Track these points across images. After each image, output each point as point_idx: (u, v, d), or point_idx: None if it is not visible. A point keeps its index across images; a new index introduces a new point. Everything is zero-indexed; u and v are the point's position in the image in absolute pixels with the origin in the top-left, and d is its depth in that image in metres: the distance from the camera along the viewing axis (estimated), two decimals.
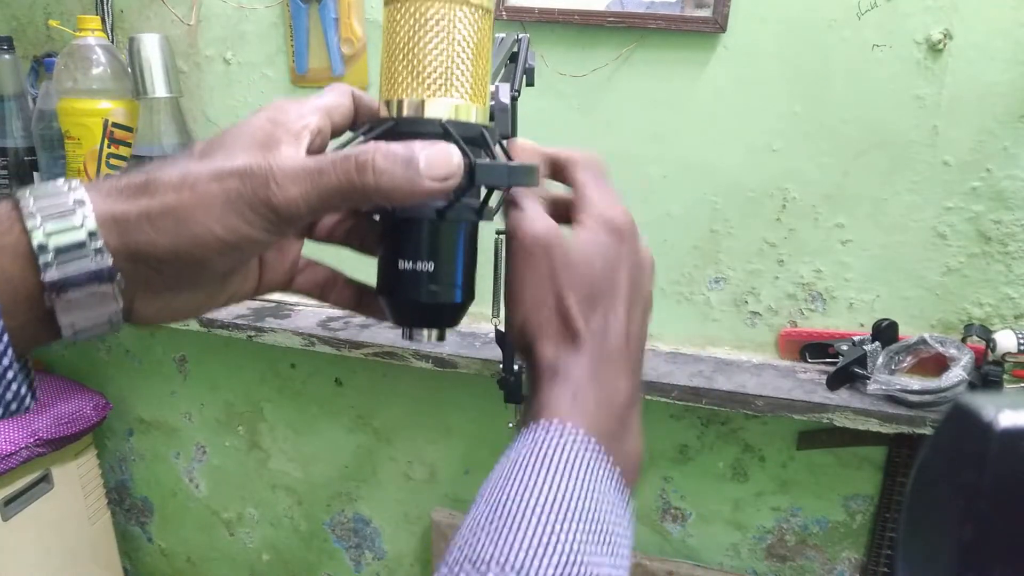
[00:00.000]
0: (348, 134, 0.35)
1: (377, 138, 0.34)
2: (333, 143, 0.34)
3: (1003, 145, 0.78)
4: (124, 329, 0.29)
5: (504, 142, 0.38)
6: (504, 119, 0.48)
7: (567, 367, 0.32)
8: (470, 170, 0.32)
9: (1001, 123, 0.78)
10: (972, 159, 0.80)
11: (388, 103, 0.34)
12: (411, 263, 0.35)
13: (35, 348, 0.28)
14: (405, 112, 0.33)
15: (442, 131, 0.33)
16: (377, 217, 0.37)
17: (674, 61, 0.85)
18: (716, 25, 0.81)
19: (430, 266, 0.35)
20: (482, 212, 0.36)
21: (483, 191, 0.35)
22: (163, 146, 0.96)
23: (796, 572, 1.02)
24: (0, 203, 0.27)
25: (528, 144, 0.38)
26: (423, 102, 0.33)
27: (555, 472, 0.28)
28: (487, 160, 0.33)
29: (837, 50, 0.80)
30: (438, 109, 0.33)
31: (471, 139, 0.34)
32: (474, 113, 0.34)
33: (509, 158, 0.39)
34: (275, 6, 0.97)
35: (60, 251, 0.26)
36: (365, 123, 0.35)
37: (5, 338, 0.26)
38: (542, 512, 0.27)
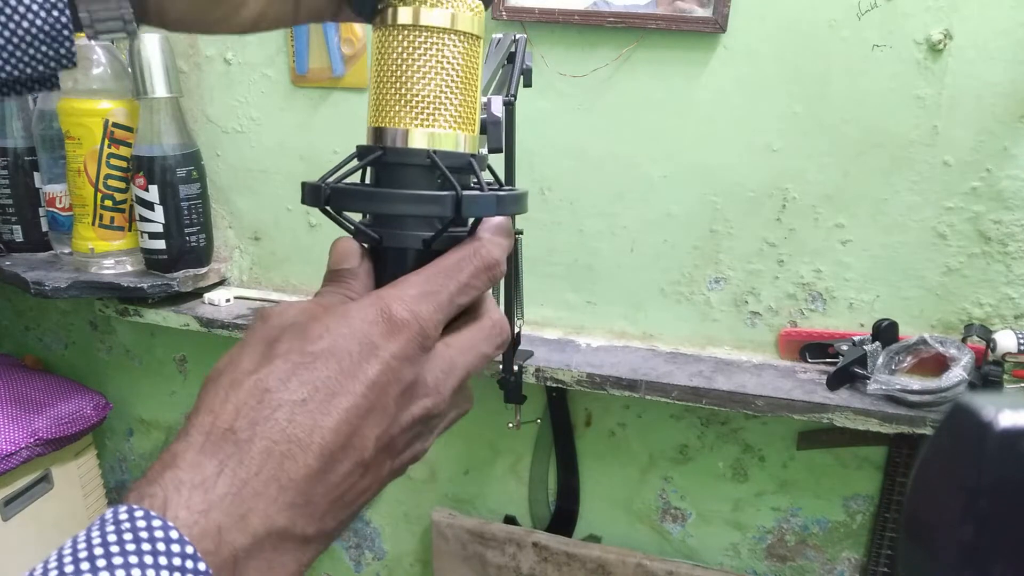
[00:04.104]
0: (343, 160, 0.35)
1: (368, 166, 0.34)
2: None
3: (1003, 145, 0.78)
4: (124, 329, 0.29)
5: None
6: (496, 133, 0.47)
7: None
8: (457, 201, 0.32)
9: (1001, 123, 0.78)
10: (972, 159, 0.80)
11: (376, 131, 0.34)
12: None
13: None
14: (394, 142, 0.33)
15: (429, 161, 0.33)
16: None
17: (674, 61, 0.85)
18: (716, 25, 0.81)
19: None
20: None
21: (470, 220, 0.35)
22: (163, 146, 0.96)
23: (796, 572, 1.02)
24: None
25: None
26: (411, 131, 0.33)
27: None
28: (475, 191, 0.33)
29: (837, 50, 0.80)
30: (426, 139, 0.33)
31: (458, 168, 0.34)
32: (462, 141, 0.34)
33: (500, 184, 0.39)
34: None
35: None
36: (355, 151, 0.35)
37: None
38: None
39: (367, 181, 0.36)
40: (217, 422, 0.26)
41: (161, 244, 1.00)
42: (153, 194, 0.97)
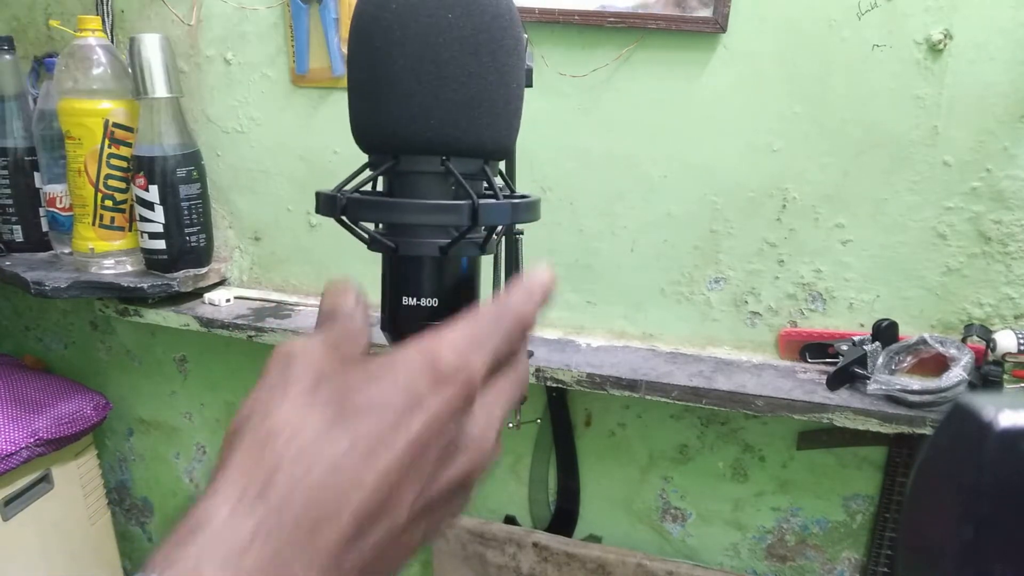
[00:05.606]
0: (356, 167, 0.34)
1: (381, 175, 0.34)
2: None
3: (1003, 145, 0.78)
4: (124, 329, 0.29)
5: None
6: None
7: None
8: (473, 210, 0.32)
9: (1001, 123, 0.78)
10: (972, 159, 0.80)
11: None
12: (415, 299, 0.35)
13: None
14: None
15: (443, 168, 0.33)
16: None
17: (674, 61, 0.85)
18: (716, 25, 0.81)
19: (434, 302, 0.35)
20: (485, 247, 0.36)
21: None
22: (163, 146, 0.96)
23: (796, 572, 1.02)
24: None
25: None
26: None
27: None
28: (491, 199, 0.33)
29: (837, 50, 0.80)
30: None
31: (471, 174, 0.33)
32: None
33: (511, 189, 0.39)
34: (275, 6, 0.97)
35: None
36: (369, 160, 0.35)
37: None
38: None
39: (379, 189, 0.36)
40: (251, 482, 0.25)
41: (161, 244, 1.00)
42: (153, 194, 0.97)
